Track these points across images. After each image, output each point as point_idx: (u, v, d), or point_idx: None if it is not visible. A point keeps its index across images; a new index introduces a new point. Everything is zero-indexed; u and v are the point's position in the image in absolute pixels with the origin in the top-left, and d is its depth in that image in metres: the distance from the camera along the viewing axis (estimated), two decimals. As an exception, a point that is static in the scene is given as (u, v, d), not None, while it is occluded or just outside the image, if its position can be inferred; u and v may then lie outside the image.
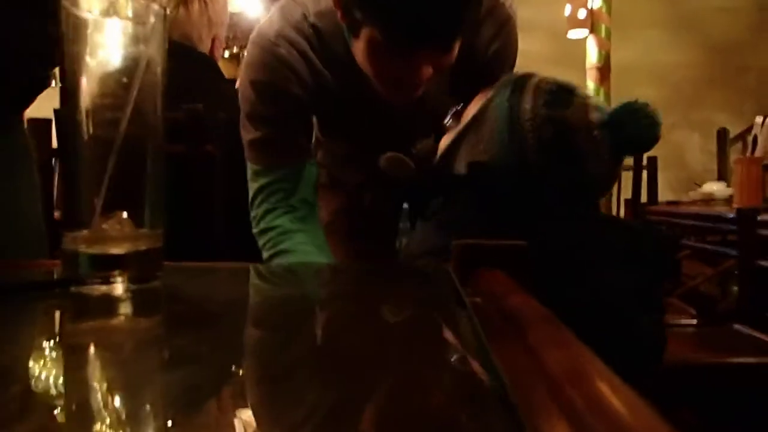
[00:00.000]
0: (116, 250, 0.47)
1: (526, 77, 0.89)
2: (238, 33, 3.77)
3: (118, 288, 0.47)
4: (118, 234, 0.47)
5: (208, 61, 1.62)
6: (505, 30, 1.09)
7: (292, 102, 1.05)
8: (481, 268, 0.60)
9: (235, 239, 1.26)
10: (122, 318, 0.43)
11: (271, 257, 1.09)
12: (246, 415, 0.27)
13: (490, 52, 1.09)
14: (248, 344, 0.39)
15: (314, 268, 0.87)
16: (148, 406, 0.28)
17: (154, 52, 0.47)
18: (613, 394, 0.27)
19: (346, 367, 0.33)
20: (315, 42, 1.04)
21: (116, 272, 0.47)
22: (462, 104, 0.97)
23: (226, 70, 1.77)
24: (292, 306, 0.51)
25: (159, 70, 0.48)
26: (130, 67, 0.47)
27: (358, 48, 0.94)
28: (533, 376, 0.31)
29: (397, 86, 0.97)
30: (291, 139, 1.09)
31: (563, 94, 0.86)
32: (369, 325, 0.43)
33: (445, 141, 0.96)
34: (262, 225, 1.10)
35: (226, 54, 4.14)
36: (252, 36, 1.08)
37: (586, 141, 0.83)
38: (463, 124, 0.92)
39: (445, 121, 0.96)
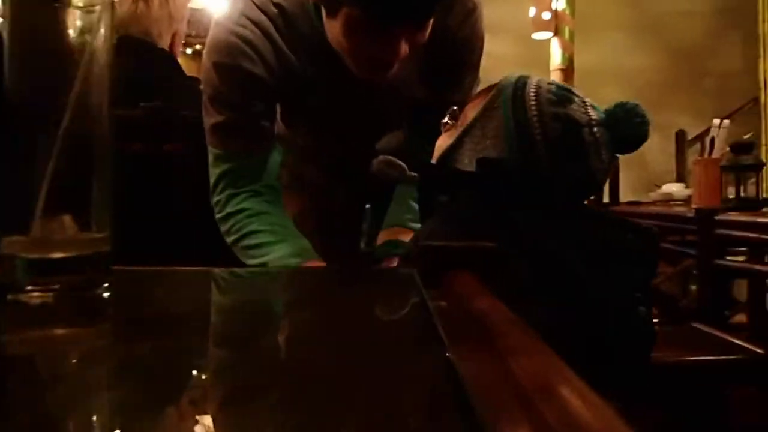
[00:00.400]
0: (58, 254, 0.44)
1: (525, 77, 0.92)
2: (200, 30, 3.69)
3: (60, 296, 0.44)
4: (60, 237, 0.44)
5: (169, 58, 1.57)
6: (472, 19, 1.11)
7: (256, 84, 1.03)
8: (449, 271, 0.59)
9: (197, 241, 1.22)
10: (63, 329, 0.40)
11: (238, 240, 1.06)
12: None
13: (458, 39, 1.11)
14: (201, 355, 0.37)
15: (273, 273, 0.85)
16: (90, 425, 0.25)
17: (100, 43, 0.44)
18: (585, 407, 0.26)
19: (300, 378, 0.31)
20: (280, 23, 1.02)
21: (58, 279, 0.44)
22: (457, 106, 0.99)
23: (187, 67, 1.73)
24: (246, 313, 0.49)
25: (105, 62, 0.45)
26: (75, 58, 0.44)
27: (334, 27, 0.95)
28: (501, 387, 0.29)
29: (373, 64, 0.97)
30: (255, 123, 1.06)
31: (564, 93, 0.89)
32: (325, 332, 0.41)
33: (444, 140, 0.97)
34: (228, 209, 1.07)
35: (189, 51, 4.06)
36: (215, 17, 1.05)
37: (589, 138, 0.87)
38: (467, 122, 0.93)
39: (444, 120, 0.98)
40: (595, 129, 0.87)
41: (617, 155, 0.93)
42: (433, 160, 0.98)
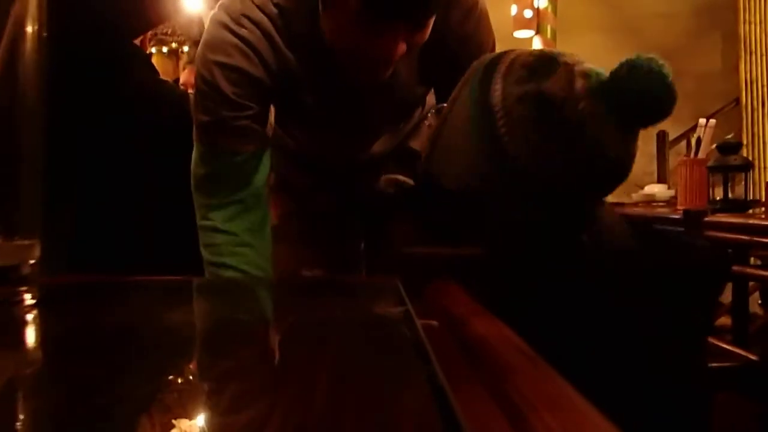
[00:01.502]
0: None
1: (500, 56, 0.78)
2: (176, 28, 3.61)
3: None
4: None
5: (144, 57, 1.52)
6: (474, 15, 1.08)
7: (253, 86, 1.00)
8: (434, 282, 0.53)
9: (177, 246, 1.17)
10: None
11: (207, 258, 1.02)
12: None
13: (461, 38, 1.07)
14: (131, 378, 0.30)
15: (249, 285, 0.79)
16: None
17: (26, 31, 0.38)
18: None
19: (271, 410, 0.25)
20: (279, 22, 1.00)
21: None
22: (441, 102, 0.93)
23: (163, 67, 1.68)
24: (196, 327, 0.43)
25: (33, 50, 0.38)
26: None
27: (330, 24, 0.93)
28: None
29: (369, 64, 0.94)
30: (247, 124, 1.02)
31: (543, 66, 0.73)
32: (307, 358, 0.34)
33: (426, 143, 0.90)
34: (207, 223, 1.03)
35: (164, 50, 3.97)
36: (214, 14, 1.04)
37: (576, 115, 0.68)
38: (440, 120, 0.82)
39: (428, 120, 0.94)
40: (582, 104, 0.68)
41: (635, 130, 0.72)
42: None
